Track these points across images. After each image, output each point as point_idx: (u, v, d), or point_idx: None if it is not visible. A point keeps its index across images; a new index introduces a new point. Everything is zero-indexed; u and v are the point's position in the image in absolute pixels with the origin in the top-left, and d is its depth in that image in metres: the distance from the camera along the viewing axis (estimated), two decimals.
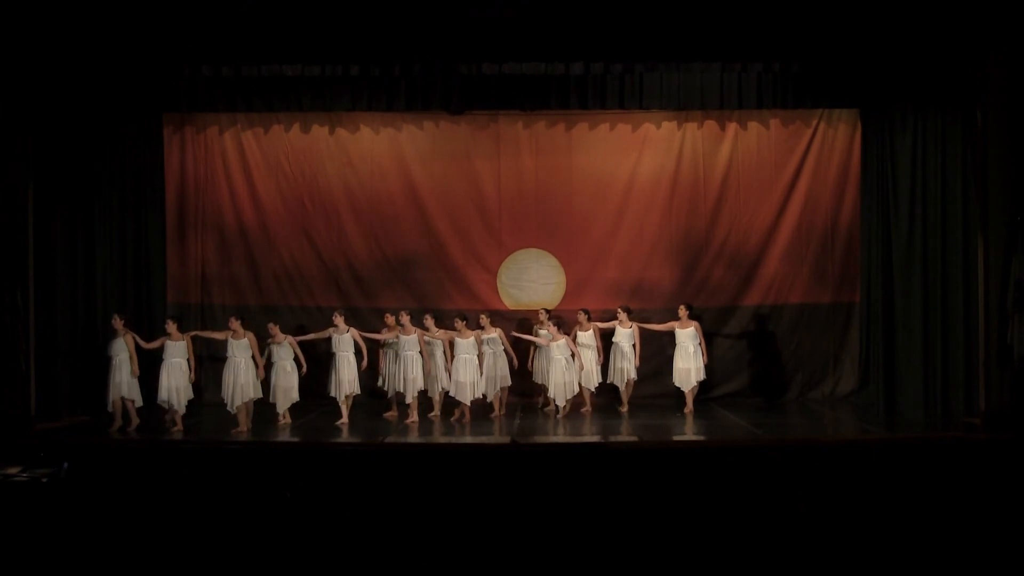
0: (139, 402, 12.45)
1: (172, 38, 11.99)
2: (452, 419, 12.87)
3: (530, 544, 6.45)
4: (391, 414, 13.16)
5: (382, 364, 13.12)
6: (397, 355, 12.79)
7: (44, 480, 7.53)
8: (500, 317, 13.97)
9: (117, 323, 12.48)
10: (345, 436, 12.13)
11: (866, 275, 13.72)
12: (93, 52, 12.13)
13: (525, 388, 13.86)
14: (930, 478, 7.43)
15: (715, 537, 6.51)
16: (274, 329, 12.61)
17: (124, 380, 12.31)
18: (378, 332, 13.25)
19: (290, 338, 12.65)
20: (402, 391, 12.79)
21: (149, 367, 12.82)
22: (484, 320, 13.21)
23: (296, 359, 12.59)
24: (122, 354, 12.33)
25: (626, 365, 13.53)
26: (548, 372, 13.10)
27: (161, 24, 11.79)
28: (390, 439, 11.85)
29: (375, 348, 13.21)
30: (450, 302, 14.52)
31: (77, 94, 12.68)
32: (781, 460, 7.91)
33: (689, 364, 13.46)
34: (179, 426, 12.30)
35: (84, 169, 13.34)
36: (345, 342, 12.78)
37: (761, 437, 11.71)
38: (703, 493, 7.10)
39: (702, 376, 13.63)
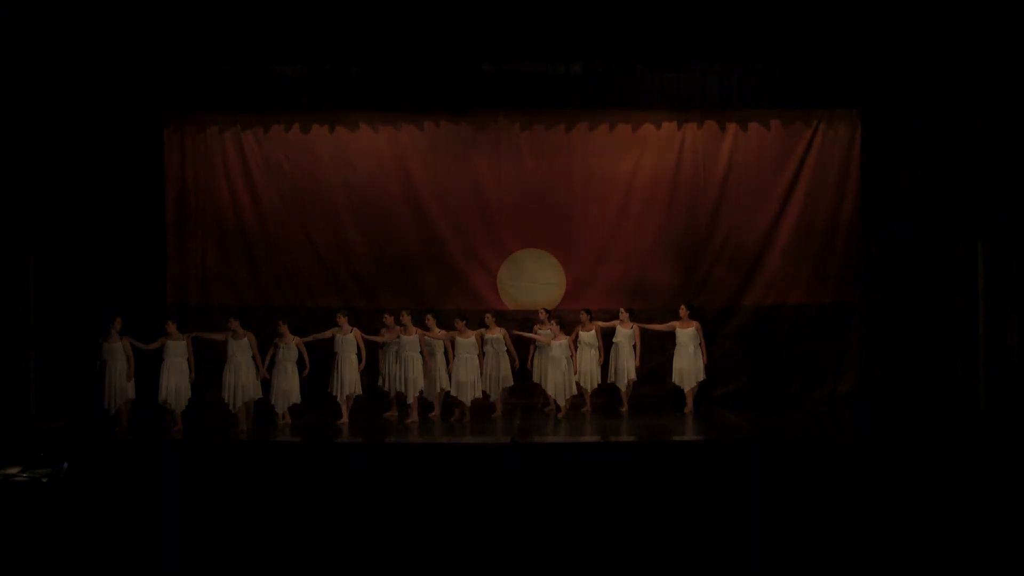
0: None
1: (172, 38, 12.01)
2: (452, 419, 12.87)
3: (530, 543, 6.46)
4: (391, 414, 13.16)
5: (382, 364, 13.11)
6: (397, 355, 12.78)
7: (44, 480, 7.53)
8: (500, 317, 13.93)
9: (116, 327, 12.50)
10: (345, 436, 12.14)
11: (866, 275, 13.71)
12: (92, 52, 12.15)
13: (525, 388, 13.85)
14: (930, 478, 7.44)
15: (715, 536, 6.51)
16: (284, 328, 12.59)
17: (125, 385, 12.35)
18: (378, 333, 13.24)
19: (298, 339, 12.62)
20: (403, 391, 12.79)
21: (149, 367, 12.82)
22: (489, 319, 13.21)
23: (300, 361, 12.58)
24: (120, 360, 12.35)
25: (626, 365, 13.53)
26: (547, 371, 13.09)
27: (161, 24, 11.81)
28: (390, 439, 11.85)
29: (375, 348, 13.21)
30: (450, 302, 14.49)
31: (76, 94, 12.69)
32: (781, 460, 7.92)
33: (689, 364, 13.45)
34: (179, 426, 12.31)
35: (84, 169, 13.34)
36: (348, 343, 12.77)
37: (761, 437, 11.70)
38: (703, 492, 7.11)
39: (702, 376, 13.62)
